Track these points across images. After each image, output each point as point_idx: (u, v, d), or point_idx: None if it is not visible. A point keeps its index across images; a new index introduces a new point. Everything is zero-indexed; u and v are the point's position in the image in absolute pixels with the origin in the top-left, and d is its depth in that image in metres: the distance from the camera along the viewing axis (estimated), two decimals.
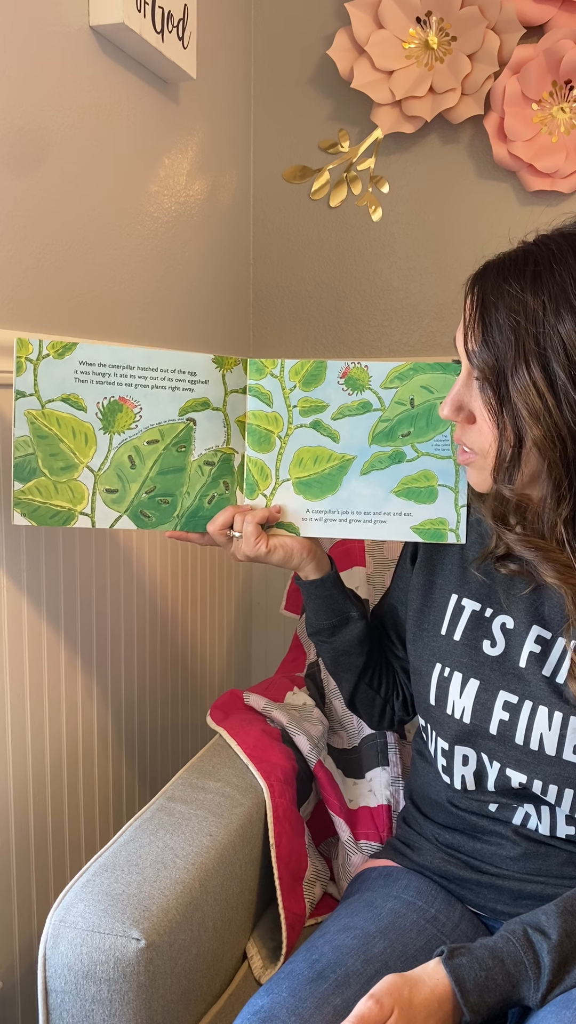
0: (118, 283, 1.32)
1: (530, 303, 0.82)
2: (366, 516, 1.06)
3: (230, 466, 1.06)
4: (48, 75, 1.12)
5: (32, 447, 1.00)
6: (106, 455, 1.02)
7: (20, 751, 1.12)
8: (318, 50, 1.71)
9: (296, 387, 1.05)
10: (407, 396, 1.04)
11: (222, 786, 1.12)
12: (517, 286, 0.82)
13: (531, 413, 0.82)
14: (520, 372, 0.82)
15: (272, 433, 1.05)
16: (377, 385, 1.04)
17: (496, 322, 0.83)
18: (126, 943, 0.86)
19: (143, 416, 1.02)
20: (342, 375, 1.05)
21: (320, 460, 1.06)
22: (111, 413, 1.02)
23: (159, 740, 1.49)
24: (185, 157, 1.50)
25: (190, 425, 1.04)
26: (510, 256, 0.86)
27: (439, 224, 1.70)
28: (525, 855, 0.97)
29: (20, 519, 1.00)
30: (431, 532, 1.05)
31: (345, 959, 0.88)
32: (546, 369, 0.82)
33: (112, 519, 1.03)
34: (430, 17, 1.57)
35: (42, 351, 0.99)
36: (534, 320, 0.81)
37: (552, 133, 1.57)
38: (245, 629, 1.87)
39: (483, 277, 0.86)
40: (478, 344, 0.85)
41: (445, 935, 0.97)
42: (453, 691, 0.98)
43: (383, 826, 1.23)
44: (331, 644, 1.11)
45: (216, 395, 1.04)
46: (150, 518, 1.04)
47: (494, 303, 0.84)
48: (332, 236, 1.76)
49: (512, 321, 0.82)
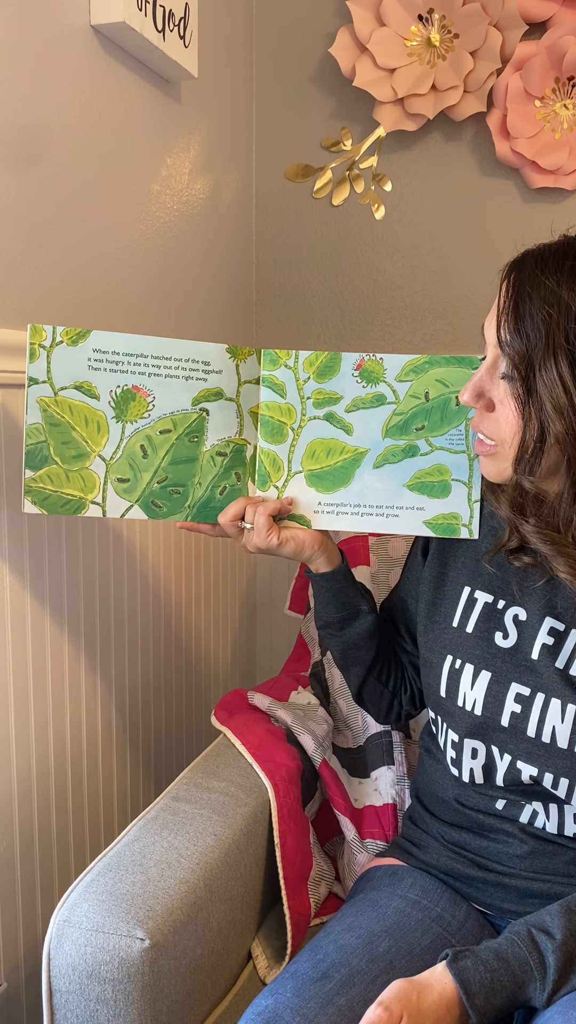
0: (120, 283, 1.32)
1: (565, 297, 0.82)
2: (378, 510, 1.05)
3: (242, 457, 1.05)
4: (49, 74, 1.12)
5: (44, 435, 0.99)
6: (118, 444, 1.01)
7: (24, 751, 1.12)
8: (320, 48, 1.71)
9: (310, 378, 1.04)
10: (422, 389, 1.04)
11: (226, 786, 1.12)
12: (554, 279, 0.83)
13: (555, 408, 0.83)
14: (549, 365, 0.83)
15: (285, 424, 1.05)
16: (392, 378, 1.04)
17: (529, 313, 0.84)
18: (130, 943, 0.86)
19: (156, 405, 1.02)
20: (357, 367, 1.04)
21: (333, 453, 1.05)
22: (124, 402, 1.01)
23: (163, 739, 1.49)
24: (187, 156, 1.49)
25: (203, 415, 1.03)
26: (550, 248, 0.87)
27: (442, 222, 1.70)
28: (532, 853, 0.96)
29: (31, 507, 1.00)
30: (444, 527, 1.05)
31: (350, 959, 0.88)
32: (574, 365, 0.82)
33: (123, 508, 1.02)
34: (432, 14, 1.56)
35: (55, 338, 0.98)
36: (567, 315, 0.82)
37: (555, 130, 1.57)
38: (249, 628, 1.87)
39: (521, 266, 0.87)
40: (510, 332, 0.85)
41: (451, 934, 0.96)
42: (464, 683, 0.98)
43: (389, 825, 1.23)
44: (341, 637, 1.11)
45: (230, 385, 1.03)
46: (161, 508, 1.03)
47: (529, 294, 0.84)
48: (335, 235, 1.76)
49: (545, 313, 0.83)
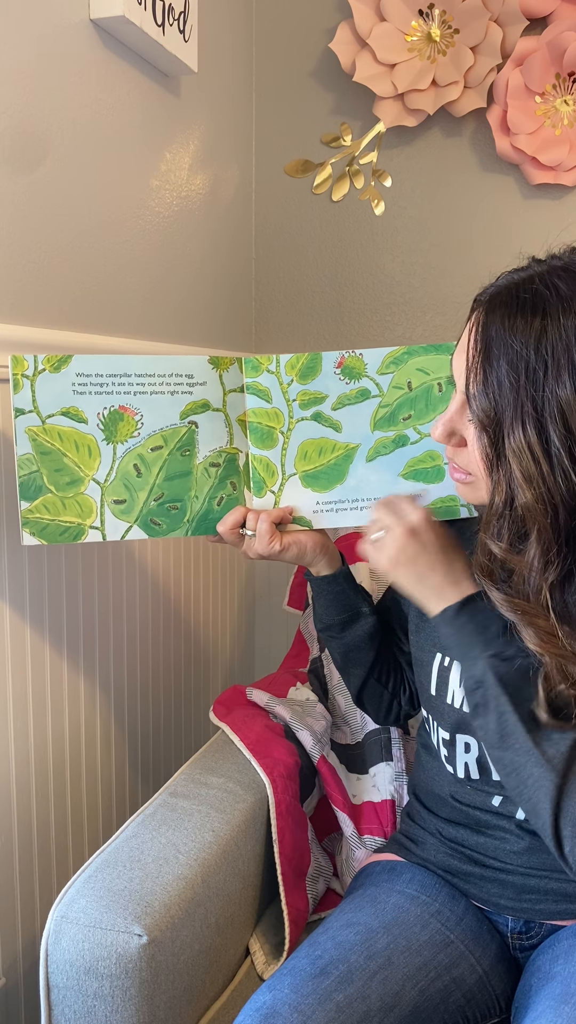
0: (119, 278, 1.31)
1: (532, 362, 0.78)
2: (376, 502, 1.05)
3: (236, 466, 1.05)
4: (48, 69, 1.12)
5: (36, 464, 0.99)
6: (111, 466, 1.01)
7: (23, 746, 1.12)
8: (320, 43, 1.70)
9: (293, 381, 1.04)
10: (404, 380, 1.04)
11: (225, 782, 1.12)
12: (521, 340, 0.79)
13: (524, 476, 0.79)
14: (516, 432, 0.79)
15: (274, 429, 1.05)
16: (373, 372, 1.04)
17: (497, 376, 0.80)
18: (128, 939, 0.86)
19: (145, 423, 1.02)
20: (338, 365, 1.04)
21: (325, 451, 1.05)
22: (112, 423, 1.01)
23: (162, 736, 1.49)
24: (187, 151, 1.49)
25: (192, 428, 1.03)
26: (518, 295, 0.81)
27: (442, 218, 1.70)
28: (529, 849, 0.96)
29: (30, 539, 0.99)
30: (444, 510, 1.05)
31: (348, 955, 0.88)
32: (542, 434, 0.78)
33: (122, 530, 1.02)
34: (432, 10, 1.56)
35: (38, 366, 0.98)
36: (534, 382, 0.78)
37: (555, 126, 1.57)
38: (248, 625, 1.87)
39: (489, 314, 0.82)
40: (478, 390, 0.82)
41: (449, 929, 0.96)
42: (453, 680, 0.98)
43: (387, 821, 1.23)
44: (341, 639, 1.11)
45: (215, 396, 1.04)
46: (161, 525, 1.03)
47: (497, 355, 0.80)
48: (334, 230, 1.76)
49: (511, 380, 0.79)
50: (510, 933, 0.99)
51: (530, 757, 0.81)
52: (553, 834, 0.79)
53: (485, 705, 0.85)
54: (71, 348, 1.16)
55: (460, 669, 0.94)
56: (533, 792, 0.80)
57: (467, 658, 0.88)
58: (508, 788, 0.84)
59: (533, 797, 0.81)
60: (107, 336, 1.28)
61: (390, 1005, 0.85)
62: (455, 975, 0.92)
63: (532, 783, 0.81)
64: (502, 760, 0.84)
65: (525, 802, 0.82)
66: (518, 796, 0.83)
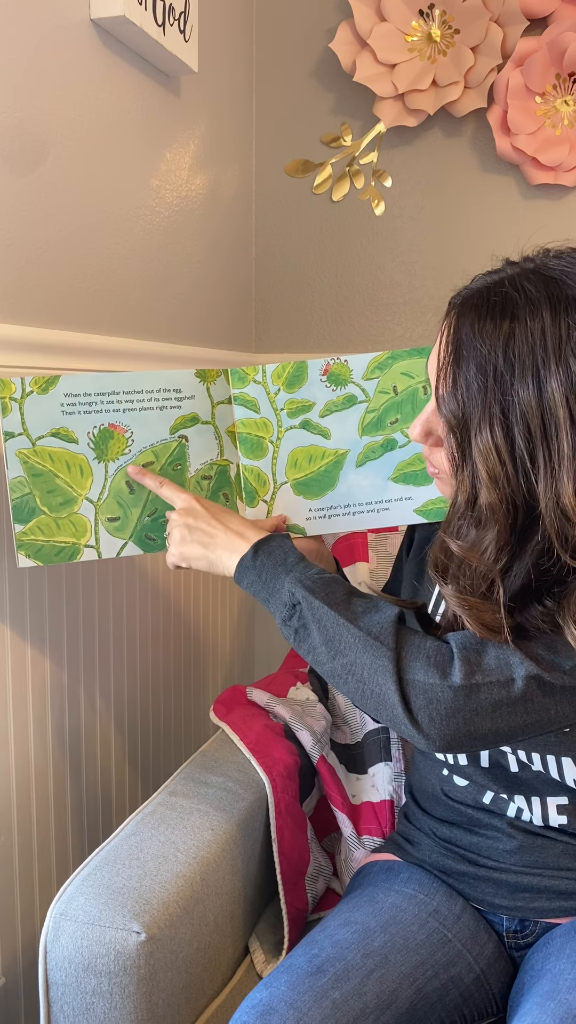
0: (119, 277, 1.32)
1: (500, 366, 0.79)
2: (368, 506, 1.06)
3: (227, 477, 1.06)
4: (49, 69, 1.12)
5: (28, 487, 0.99)
6: (103, 484, 1.02)
7: (23, 745, 1.13)
8: (320, 43, 1.71)
9: (280, 390, 1.05)
10: (389, 384, 1.05)
11: (224, 781, 1.12)
12: (489, 344, 0.80)
13: (490, 476, 0.80)
14: (484, 433, 0.80)
15: (263, 439, 1.06)
16: (359, 377, 1.05)
17: (466, 379, 0.81)
18: (127, 936, 0.86)
19: (135, 440, 1.02)
20: (323, 372, 1.06)
21: (315, 458, 1.06)
22: (103, 441, 1.01)
23: (162, 735, 1.50)
24: (187, 151, 1.49)
25: (182, 442, 1.04)
26: (488, 298, 0.82)
27: (442, 218, 1.70)
28: (521, 848, 0.97)
29: (25, 561, 0.99)
30: (435, 512, 1.06)
31: (344, 953, 0.88)
32: (507, 436, 0.79)
33: (118, 547, 1.02)
34: (433, 10, 1.56)
35: (25, 388, 0.98)
36: (501, 386, 0.79)
37: (556, 126, 1.57)
38: (248, 624, 1.87)
39: (460, 317, 0.83)
40: (447, 392, 0.83)
41: (447, 928, 0.96)
42: None
43: (386, 821, 1.23)
44: None
45: (204, 409, 1.04)
46: (155, 540, 1.04)
47: (466, 358, 0.81)
48: (334, 230, 1.76)
49: (480, 382, 0.80)
50: (505, 932, 0.99)
51: (359, 644, 0.84)
52: (405, 712, 0.81)
53: (304, 625, 0.88)
54: (71, 348, 1.17)
55: (273, 611, 0.93)
56: (374, 681, 0.83)
57: (274, 592, 0.90)
58: (353, 699, 0.86)
59: (376, 687, 0.83)
60: (107, 336, 1.28)
61: (386, 1003, 0.85)
62: (452, 974, 0.93)
63: (370, 673, 0.83)
64: (336, 671, 0.86)
65: (371, 699, 0.84)
66: (363, 699, 0.84)
